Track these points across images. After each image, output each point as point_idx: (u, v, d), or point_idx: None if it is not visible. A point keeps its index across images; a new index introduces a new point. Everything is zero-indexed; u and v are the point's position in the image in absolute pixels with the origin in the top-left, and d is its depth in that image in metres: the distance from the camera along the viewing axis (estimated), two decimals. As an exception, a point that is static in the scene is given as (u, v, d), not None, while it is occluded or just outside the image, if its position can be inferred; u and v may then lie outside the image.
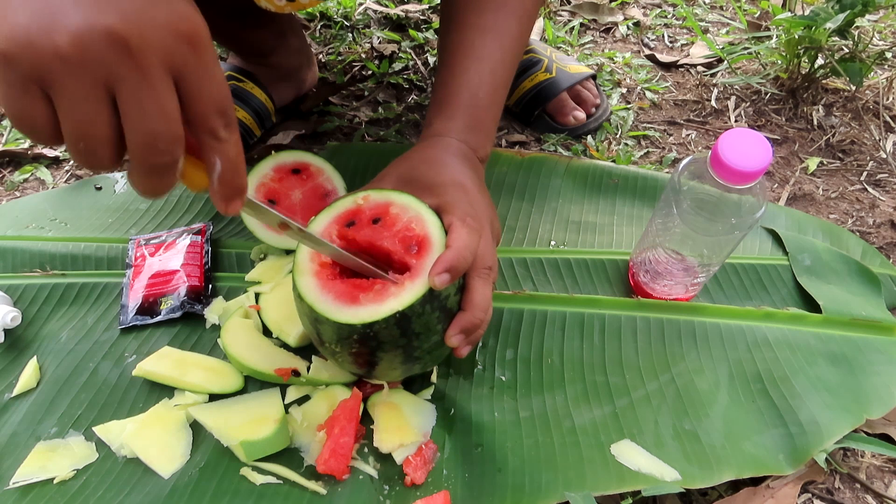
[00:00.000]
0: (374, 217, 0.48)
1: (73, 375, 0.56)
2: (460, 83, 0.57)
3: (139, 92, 0.30)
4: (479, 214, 0.50)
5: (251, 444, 0.49)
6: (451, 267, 0.44)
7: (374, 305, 0.44)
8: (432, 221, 0.47)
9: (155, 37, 0.30)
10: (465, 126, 0.56)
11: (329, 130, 0.87)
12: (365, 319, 0.44)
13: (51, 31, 0.28)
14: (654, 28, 1.12)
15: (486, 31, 0.58)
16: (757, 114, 0.95)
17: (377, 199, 0.49)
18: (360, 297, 0.45)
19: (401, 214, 0.48)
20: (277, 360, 0.56)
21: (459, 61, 0.57)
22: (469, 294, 0.48)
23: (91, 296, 0.63)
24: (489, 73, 0.57)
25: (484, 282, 0.48)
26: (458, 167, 0.53)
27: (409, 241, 0.47)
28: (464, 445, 0.52)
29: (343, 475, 0.49)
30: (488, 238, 0.50)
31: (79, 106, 0.30)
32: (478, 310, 0.47)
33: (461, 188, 0.51)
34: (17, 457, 0.50)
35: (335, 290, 0.46)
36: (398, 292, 0.44)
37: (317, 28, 1.07)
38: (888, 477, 0.56)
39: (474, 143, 0.57)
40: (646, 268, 0.62)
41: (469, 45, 0.57)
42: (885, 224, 0.78)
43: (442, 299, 0.46)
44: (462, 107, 0.57)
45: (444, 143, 0.55)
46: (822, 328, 0.62)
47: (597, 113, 0.89)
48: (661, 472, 0.50)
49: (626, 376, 0.58)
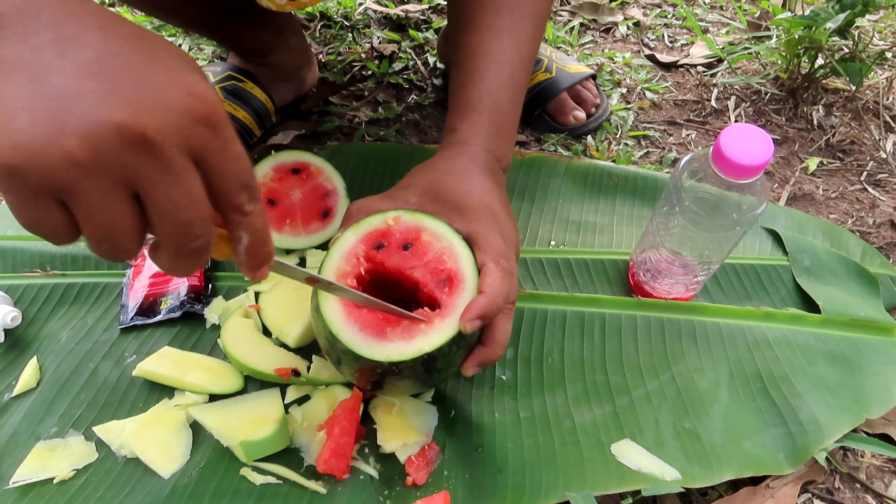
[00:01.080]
0: (405, 242, 0.47)
1: (73, 375, 0.56)
2: (481, 88, 0.55)
3: (164, 186, 0.28)
4: (509, 244, 0.48)
5: (251, 445, 0.49)
6: (483, 314, 0.43)
7: (401, 343, 0.43)
8: (465, 256, 0.46)
9: (171, 125, 0.28)
10: (489, 133, 0.55)
11: (329, 130, 0.87)
12: (392, 358, 0.43)
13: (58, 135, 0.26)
14: (654, 28, 1.12)
15: (502, 34, 0.56)
16: (757, 114, 0.95)
17: (408, 221, 0.48)
18: (387, 331, 0.44)
19: (433, 243, 0.47)
20: (277, 360, 0.56)
21: (478, 65, 0.56)
22: (491, 330, 0.47)
23: (91, 296, 0.63)
24: (509, 77, 0.56)
25: (507, 317, 0.47)
26: (485, 183, 0.52)
27: (439, 275, 0.45)
28: (464, 446, 0.52)
29: (343, 475, 0.49)
30: (515, 271, 0.49)
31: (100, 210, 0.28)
32: (498, 346, 0.47)
33: (491, 214, 0.49)
34: (17, 456, 0.50)
35: (361, 319, 0.45)
36: (427, 331, 0.44)
37: (317, 28, 1.07)
38: (888, 477, 0.56)
39: (499, 151, 0.55)
40: (646, 267, 0.62)
41: (487, 49, 0.56)
42: (885, 224, 0.78)
43: (468, 339, 0.45)
44: (486, 112, 0.55)
45: (470, 153, 0.54)
46: (822, 328, 0.62)
47: (597, 113, 0.89)
48: (662, 472, 0.50)
49: (627, 375, 0.58)
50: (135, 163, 0.27)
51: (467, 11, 0.58)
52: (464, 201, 0.50)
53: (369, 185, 0.74)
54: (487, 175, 0.53)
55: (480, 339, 0.47)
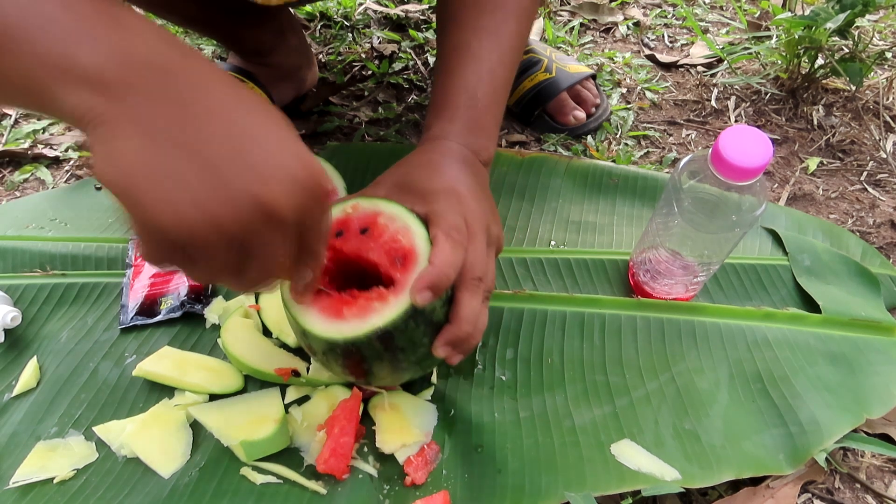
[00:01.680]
0: (363, 227, 0.47)
1: (73, 375, 0.56)
2: (458, 85, 0.56)
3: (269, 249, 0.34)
4: (472, 222, 0.48)
5: (251, 444, 0.49)
6: (432, 284, 0.43)
7: (356, 321, 0.44)
8: (419, 233, 0.46)
9: (293, 200, 0.33)
10: (464, 128, 0.55)
11: (329, 130, 0.87)
12: (347, 335, 0.43)
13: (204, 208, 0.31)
14: (654, 28, 1.12)
15: (483, 32, 0.57)
16: (757, 114, 0.95)
17: (366, 207, 0.48)
18: (343, 311, 0.44)
19: (388, 225, 0.47)
20: (277, 360, 0.56)
21: (456, 63, 0.56)
22: (456, 307, 0.46)
23: (91, 296, 0.63)
24: (488, 74, 0.56)
25: (472, 293, 0.46)
26: (455, 172, 0.52)
27: (395, 254, 0.46)
28: (464, 446, 0.52)
29: (343, 475, 0.49)
30: (479, 247, 0.48)
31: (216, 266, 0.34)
32: (464, 322, 0.46)
33: (453, 195, 0.49)
34: (18, 456, 0.50)
35: (321, 303, 0.45)
36: (381, 308, 0.44)
37: (317, 28, 1.07)
38: (888, 477, 0.56)
39: (475, 145, 0.55)
40: (646, 267, 0.62)
41: (466, 47, 0.56)
42: (885, 224, 0.78)
43: (427, 314, 0.45)
44: (461, 108, 0.56)
45: (443, 146, 0.54)
46: (822, 328, 0.62)
47: (597, 113, 0.89)
48: (662, 472, 0.50)
49: (627, 376, 0.58)
50: (261, 232, 0.33)
51: (450, 11, 0.58)
52: (427, 187, 0.50)
53: (369, 185, 0.74)
54: (459, 165, 0.53)
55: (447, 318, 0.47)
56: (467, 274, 0.46)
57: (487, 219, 0.51)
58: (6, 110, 0.88)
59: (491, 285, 0.49)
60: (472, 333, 0.46)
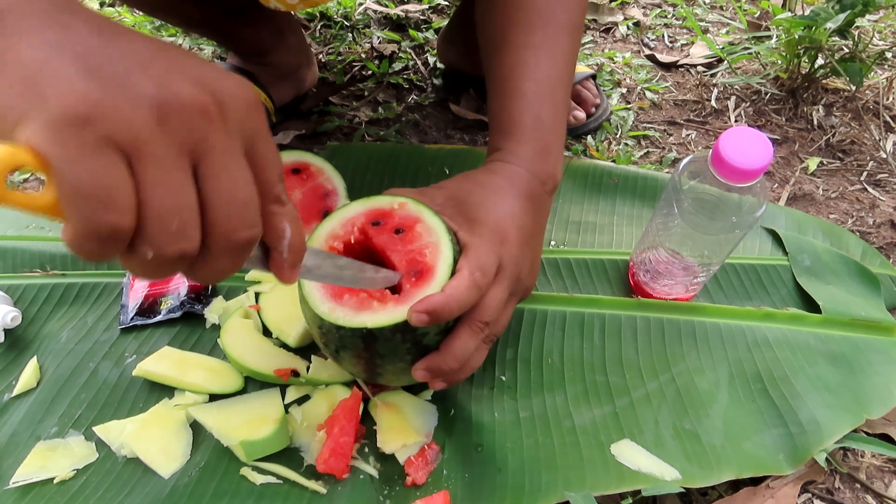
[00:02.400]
0: (399, 226, 0.47)
1: (73, 375, 0.56)
2: (522, 107, 0.54)
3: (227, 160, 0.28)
4: (505, 268, 0.47)
5: (251, 444, 0.49)
6: (432, 310, 0.42)
7: (350, 311, 0.44)
8: (446, 256, 0.45)
9: (234, 104, 0.29)
10: (533, 152, 0.53)
11: (329, 130, 0.87)
12: (335, 320, 0.44)
13: (132, 93, 0.25)
14: (654, 28, 1.12)
15: (538, 50, 0.54)
16: (757, 114, 0.95)
17: (411, 210, 0.48)
18: (344, 296, 0.45)
19: (423, 235, 0.47)
20: (277, 361, 0.56)
21: (517, 84, 0.54)
22: (450, 338, 0.45)
23: (91, 296, 0.63)
24: (549, 93, 0.54)
25: (471, 333, 0.45)
26: (514, 209, 0.50)
27: (414, 265, 0.46)
28: (464, 446, 0.52)
29: (343, 474, 0.49)
30: (499, 294, 0.46)
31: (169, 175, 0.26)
32: (450, 357, 0.45)
33: (499, 235, 0.47)
34: (18, 456, 0.50)
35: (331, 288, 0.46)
36: (377, 309, 0.44)
37: (317, 28, 1.07)
38: (888, 477, 0.56)
39: (544, 173, 0.53)
40: (646, 267, 0.62)
41: (524, 66, 0.54)
42: (885, 224, 0.78)
43: (418, 334, 0.45)
44: (528, 131, 0.53)
45: (511, 172, 0.52)
46: (822, 328, 0.62)
47: (597, 113, 0.89)
48: (662, 472, 0.50)
49: (627, 376, 0.58)
50: (204, 129, 0.27)
51: (499, 30, 0.56)
52: (479, 216, 0.48)
53: (369, 185, 0.74)
54: (522, 201, 0.51)
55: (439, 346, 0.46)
56: (476, 315, 0.45)
57: (522, 268, 0.49)
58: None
59: (499, 331, 0.48)
60: (456, 369, 0.46)
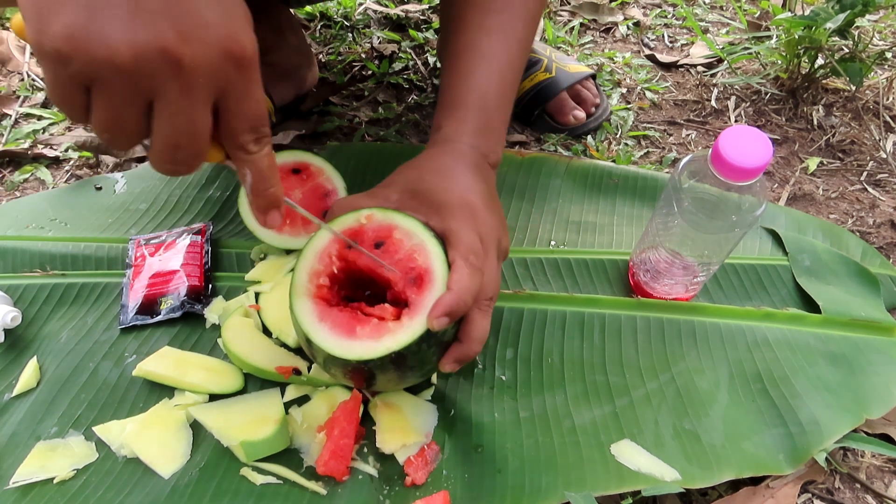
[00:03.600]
0: (377, 240, 0.47)
1: (73, 375, 0.56)
2: (468, 85, 0.55)
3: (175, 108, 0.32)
4: (486, 240, 0.48)
5: (251, 445, 0.49)
6: (450, 311, 0.43)
7: (370, 342, 0.44)
8: (436, 253, 0.45)
9: (205, 58, 0.32)
10: (475, 129, 0.55)
11: (329, 130, 0.87)
12: (361, 356, 0.43)
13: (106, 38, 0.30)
14: (654, 28, 1.12)
15: (491, 32, 0.56)
16: (757, 114, 0.95)
17: (381, 220, 0.48)
18: (357, 330, 0.44)
19: (404, 241, 0.46)
20: (278, 359, 0.56)
21: (466, 63, 0.56)
22: (467, 326, 0.46)
23: (91, 296, 0.63)
24: (497, 74, 0.56)
25: (484, 314, 0.47)
26: (468, 181, 0.51)
27: (410, 273, 0.45)
28: (464, 446, 0.52)
29: (343, 476, 0.49)
30: (493, 266, 0.48)
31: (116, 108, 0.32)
32: (475, 343, 0.46)
33: (469, 211, 0.49)
34: (18, 456, 0.50)
35: (332, 318, 0.45)
36: (396, 330, 0.44)
37: (317, 28, 1.07)
38: (888, 477, 0.56)
39: (486, 147, 0.55)
40: (646, 267, 0.62)
41: (476, 47, 0.56)
42: (885, 224, 0.78)
43: (439, 336, 0.45)
44: (472, 109, 0.55)
45: (454, 150, 0.53)
46: (822, 328, 0.62)
47: (597, 112, 0.89)
48: (662, 473, 0.50)
49: (627, 376, 0.58)
50: (162, 80, 0.31)
51: (457, 10, 0.58)
52: (442, 199, 0.49)
53: (369, 185, 0.73)
54: (471, 172, 0.52)
55: (457, 335, 0.47)
56: (482, 295, 0.46)
57: (498, 232, 0.51)
58: (6, 110, 0.88)
59: (496, 297, 0.49)
60: (478, 351, 0.47)
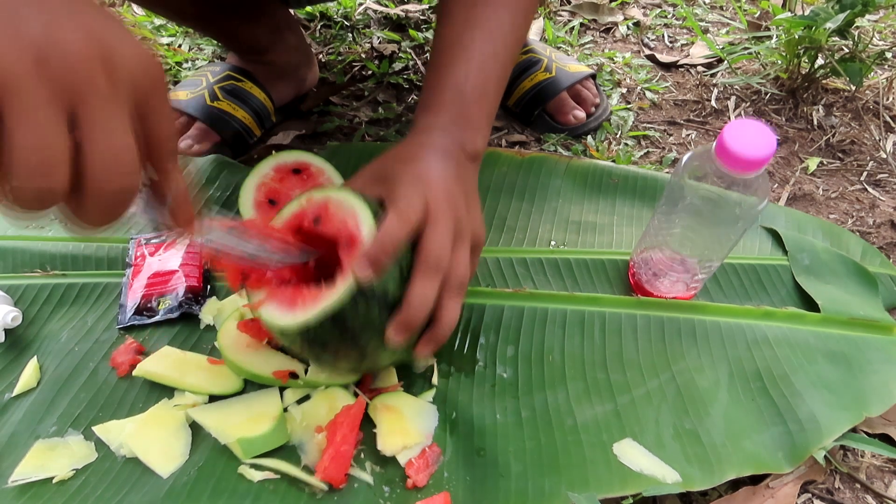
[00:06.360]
0: (315, 217, 0.47)
1: (73, 375, 0.56)
2: (446, 80, 0.55)
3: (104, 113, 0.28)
4: (436, 208, 0.46)
5: (248, 441, 0.49)
6: (371, 258, 0.42)
7: (308, 308, 0.44)
8: (364, 215, 0.45)
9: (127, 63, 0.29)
10: (449, 121, 0.54)
11: (329, 130, 0.87)
12: (299, 321, 0.44)
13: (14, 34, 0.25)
14: (654, 28, 1.12)
15: (474, 25, 0.56)
16: (757, 114, 0.95)
17: (318, 198, 0.48)
18: (298, 301, 0.45)
19: (338, 212, 0.46)
20: (275, 363, 0.55)
21: (446, 58, 0.56)
22: (407, 289, 0.45)
23: (91, 296, 0.63)
24: (477, 67, 0.55)
25: (425, 277, 0.45)
26: (431, 163, 0.50)
27: (344, 240, 0.45)
28: (465, 449, 0.52)
29: (340, 484, 0.49)
30: (441, 231, 0.46)
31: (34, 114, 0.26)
32: (411, 305, 0.44)
33: (419, 180, 0.48)
34: (17, 456, 0.50)
35: (280, 296, 0.46)
36: (328, 292, 0.44)
37: (317, 28, 1.07)
38: (888, 477, 0.56)
39: (460, 137, 0.54)
40: (647, 266, 0.62)
41: (456, 41, 0.56)
42: (885, 224, 0.78)
43: (379, 295, 0.44)
44: (446, 103, 0.55)
45: (424, 139, 0.53)
46: (821, 327, 0.62)
47: (597, 112, 0.89)
48: (663, 474, 0.50)
49: (627, 374, 0.58)
50: (85, 80, 0.27)
51: (444, 6, 0.58)
52: (399, 176, 0.49)
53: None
54: (439, 157, 0.51)
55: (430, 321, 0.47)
56: (421, 257, 0.45)
57: (458, 209, 0.49)
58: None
59: (461, 279, 0.47)
60: (418, 317, 0.45)
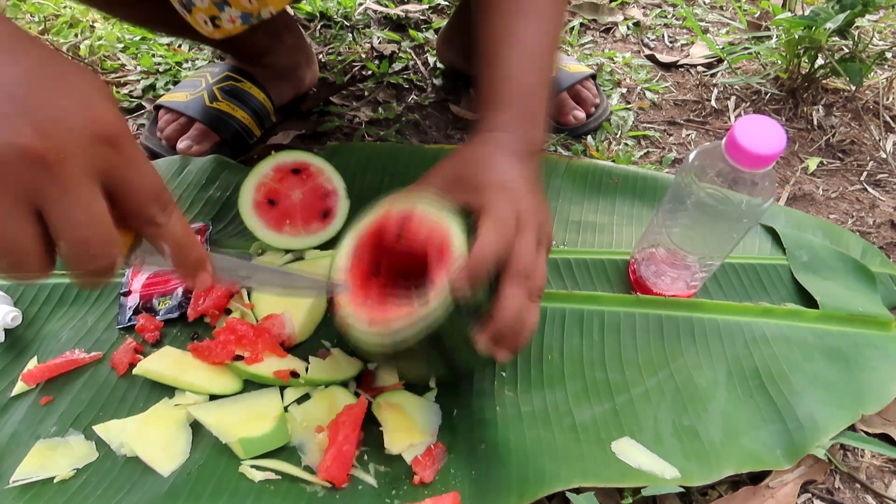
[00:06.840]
0: (398, 234, 0.46)
1: (72, 375, 0.56)
2: (504, 73, 0.54)
3: (63, 205, 0.30)
4: (525, 217, 0.46)
5: (249, 441, 0.49)
6: (470, 273, 0.42)
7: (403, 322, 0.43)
8: (452, 227, 0.45)
9: (73, 147, 0.30)
10: (514, 118, 0.54)
11: (329, 130, 0.87)
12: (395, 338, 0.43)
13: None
14: (654, 28, 1.12)
15: (524, 16, 0.56)
16: (757, 114, 0.95)
17: (399, 210, 0.47)
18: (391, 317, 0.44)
19: (423, 225, 0.46)
20: (275, 363, 0.55)
21: (499, 50, 0.55)
22: (497, 301, 0.44)
23: (91, 296, 0.63)
24: (531, 58, 0.55)
25: (515, 287, 0.44)
26: (506, 166, 0.50)
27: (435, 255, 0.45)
28: (468, 443, 0.52)
29: (342, 484, 0.49)
30: (529, 242, 0.46)
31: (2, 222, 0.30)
32: (504, 317, 0.44)
33: (502, 188, 0.47)
34: (18, 456, 0.50)
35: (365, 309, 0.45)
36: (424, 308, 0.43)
37: (317, 28, 1.07)
38: (888, 477, 0.56)
39: (528, 135, 0.53)
40: (647, 264, 0.62)
41: (508, 32, 0.55)
42: (885, 224, 0.78)
43: (472, 308, 0.43)
44: (508, 98, 0.54)
45: (495, 139, 0.52)
46: (820, 324, 0.62)
47: (596, 112, 0.89)
48: (662, 470, 0.50)
49: (626, 372, 0.58)
50: (35, 181, 0.29)
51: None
52: (483, 180, 0.48)
53: (369, 186, 0.74)
54: (512, 159, 0.51)
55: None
56: (512, 268, 0.45)
57: (539, 216, 0.49)
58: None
59: (541, 283, 0.47)
60: (514, 328, 0.45)
